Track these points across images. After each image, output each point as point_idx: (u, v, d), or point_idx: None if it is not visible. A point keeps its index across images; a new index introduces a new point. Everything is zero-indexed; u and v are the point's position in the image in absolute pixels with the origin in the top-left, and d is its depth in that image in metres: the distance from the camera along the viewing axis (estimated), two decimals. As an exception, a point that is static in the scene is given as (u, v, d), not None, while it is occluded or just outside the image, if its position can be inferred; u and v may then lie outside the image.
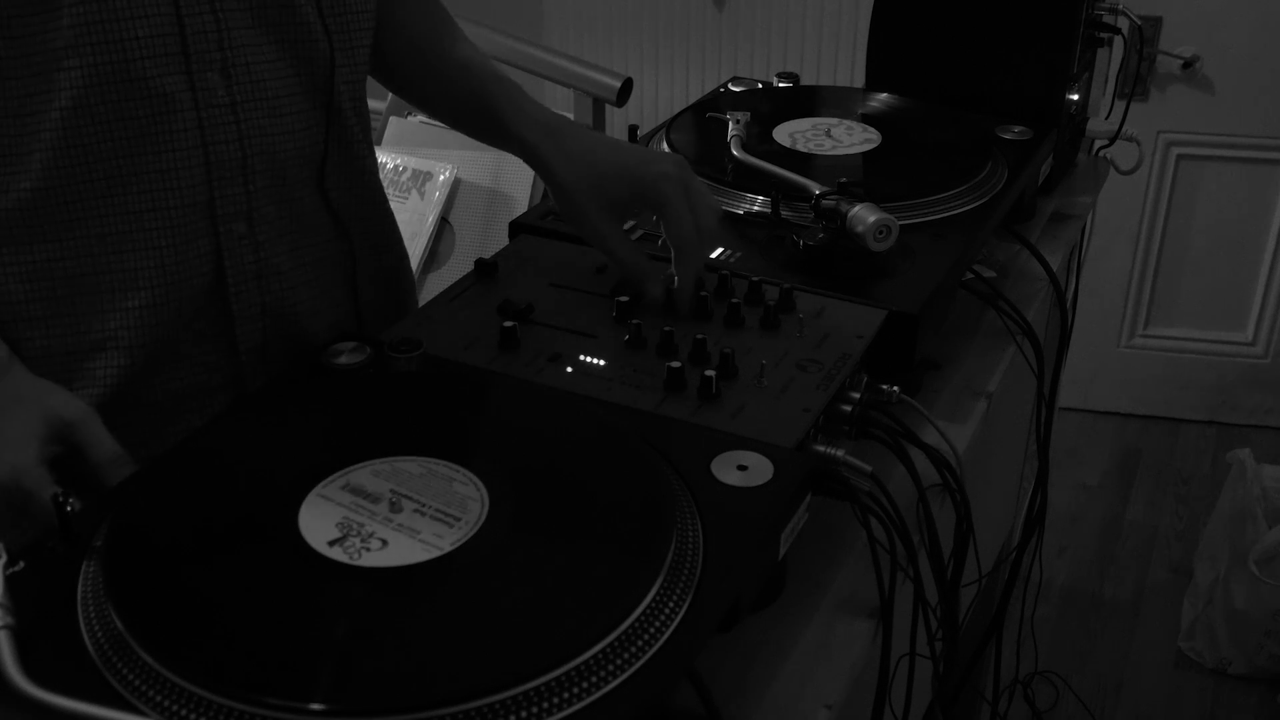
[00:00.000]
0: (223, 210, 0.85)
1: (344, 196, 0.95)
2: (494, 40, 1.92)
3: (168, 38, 0.80)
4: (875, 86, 1.37)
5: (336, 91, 0.90)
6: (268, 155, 0.86)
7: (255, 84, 0.85)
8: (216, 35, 0.82)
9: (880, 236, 0.95)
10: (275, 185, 0.88)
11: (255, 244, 0.87)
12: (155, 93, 0.80)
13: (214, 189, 0.84)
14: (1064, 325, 1.37)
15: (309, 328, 0.93)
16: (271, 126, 0.86)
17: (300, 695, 0.54)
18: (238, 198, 0.86)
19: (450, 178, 1.76)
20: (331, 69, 0.89)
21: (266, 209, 0.88)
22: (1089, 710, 2.10)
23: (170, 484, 0.70)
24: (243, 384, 0.90)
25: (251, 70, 0.84)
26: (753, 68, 2.83)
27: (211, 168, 0.84)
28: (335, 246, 0.95)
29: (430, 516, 0.65)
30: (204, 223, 0.85)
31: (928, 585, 0.84)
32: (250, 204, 0.86)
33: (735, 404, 0.80)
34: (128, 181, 0.81)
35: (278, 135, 0.87)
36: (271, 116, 0.86)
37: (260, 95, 0.85)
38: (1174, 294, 2.89)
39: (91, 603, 0.60)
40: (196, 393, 0.89)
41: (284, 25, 0.86)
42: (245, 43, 0.84)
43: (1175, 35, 2.61)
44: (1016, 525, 1.62)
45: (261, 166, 0.86)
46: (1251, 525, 2.14)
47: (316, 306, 0.94)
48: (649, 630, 0.59)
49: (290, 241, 0.90)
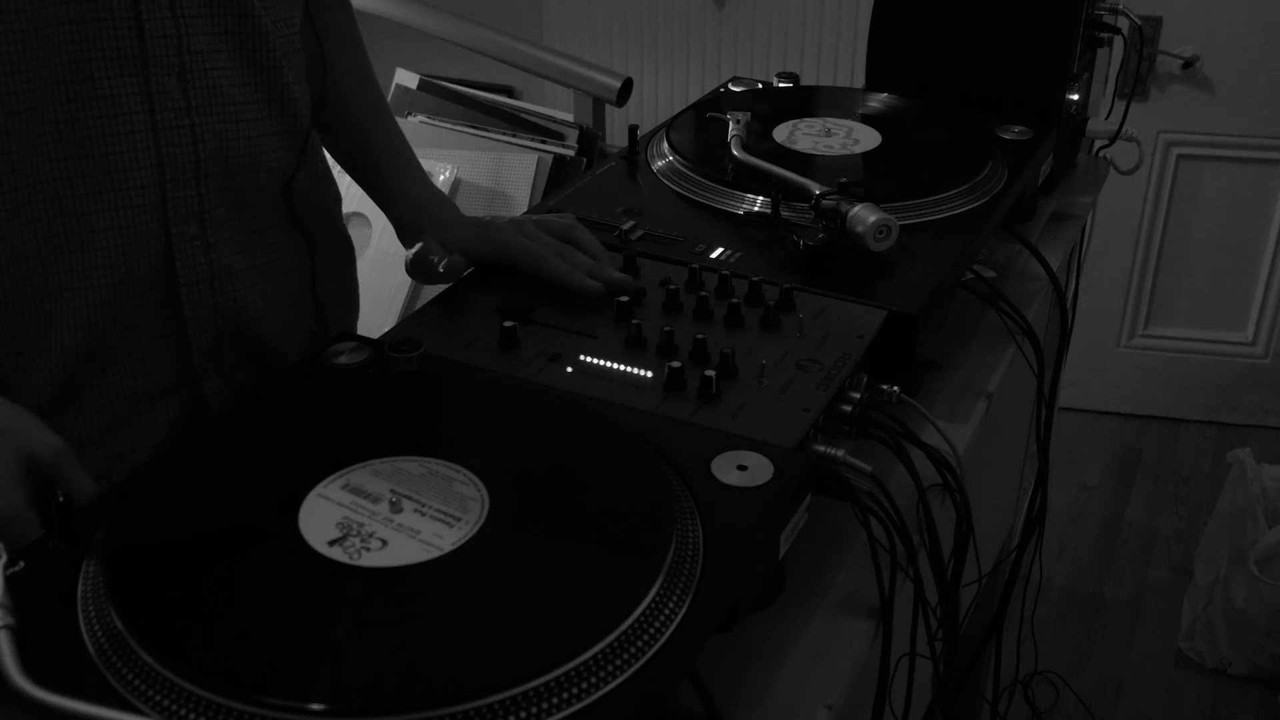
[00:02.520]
0: (174, 212, 0.85)
1: (306, 201, 0.96)
2: (494, 40, 1.92)
3: (126, 42, 0.80)
4: (875, 86, 1.37)
5: (291, 98, 0.91)
6: (222, 159, 0.87)
7: (212, 90, 0.85)
8: (176, 41, 0.82)
9: (880, 236, 0.95)
10: (229, 188, 0.88)
11: (207, 245, 0.87)
12: (105, 94, 0.80)
13: (166, 191, 0.84)
14: (1064, 325, 1.37)
15: (266, 329, 0.94)
16: (228, 131, 0.87)
17: (300, 695, 0.54)
18: (190, 200, 0.86)
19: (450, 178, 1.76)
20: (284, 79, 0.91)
21: (219, 211, 0.88)
22: (1089, 710, 2.10)
23: (170, 484, 0.70)
24: (195, 384, 0.90)
25: (209, 76, 0.85)
26: (753, 68, 2.83)
27: (164, 170, 0.84)
28: (292, 248, 0.96)
29: (430, 516, 0.65)
30: (155, 224, 0.85)
31: (928, 585, 0.84)
32: (203, 206, 0.86)
33: (735, 404, 0.80)
34: (75, 182, 0.81)
35: (234, 140, 0.87)
36: (228, 122, 0.87)
37: (217, 101, 0.85)
38: (1174, 294, 2.89)
39: (91, 603, 0.60)
40: (149, 393, 0.89)
41: (242, 34, 0.86)
42: (204, 49, 0.84)
43: (1175, 35, 2.61)
44: (1016, 525, 1.62)
45: (215, 170, 0.87)
46: (1251, 525, 2.14)
47: (272, 307, 0.94)
48: (649, 630, 0.59)
49: (245, 243, 0.91)
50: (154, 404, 0.89)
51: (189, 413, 0.91)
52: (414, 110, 1.87)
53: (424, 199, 1.04)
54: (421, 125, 1.84)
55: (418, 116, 1.86)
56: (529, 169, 1.75)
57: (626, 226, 1.04)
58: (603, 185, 1.13)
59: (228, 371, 0.92)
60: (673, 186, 1.12)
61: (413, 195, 1.04)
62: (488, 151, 1.78)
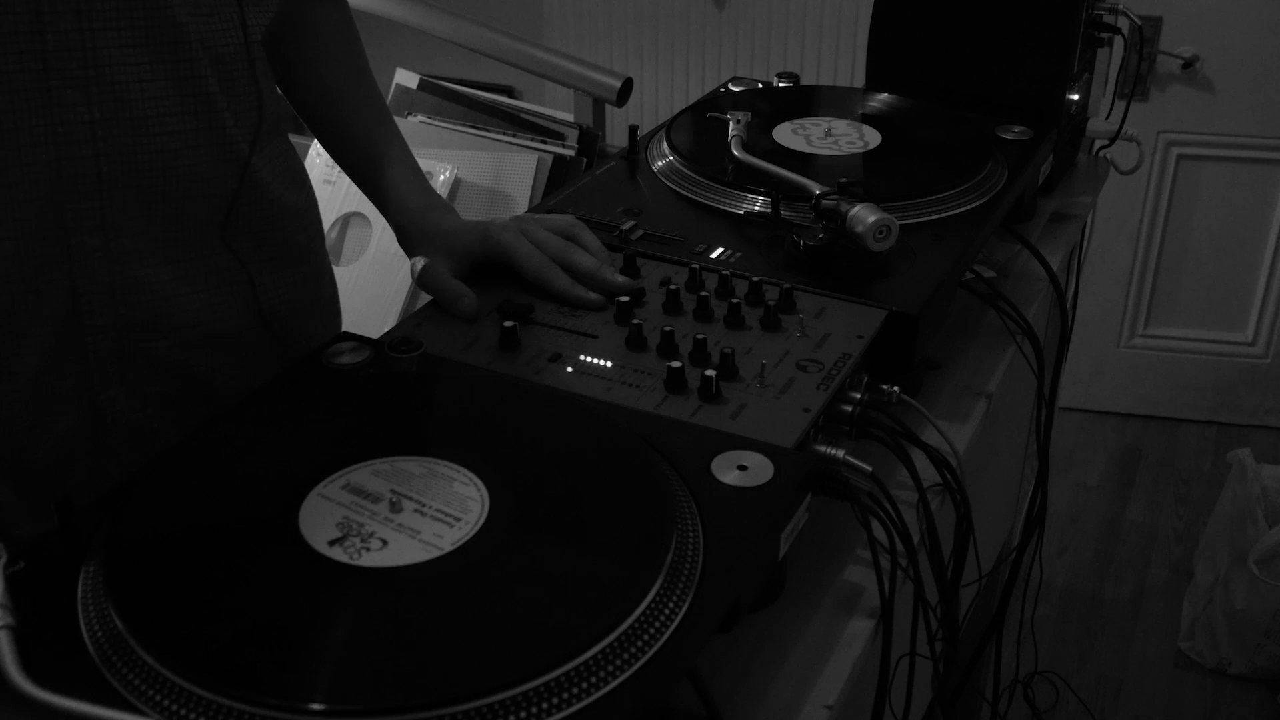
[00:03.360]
0: (74, 223, 0.83)
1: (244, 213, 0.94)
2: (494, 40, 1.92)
3: (26, 54, 0.78)
4: (875, 86, 1.37)
5: (217, 109, 0.88)
6: (130, 172, 0.84)
7: (121, 103, 0.83)
8: (80, 53, 0.80)
9: (880, 236, 0.95)
10: (143, 202, 0.86)
11: (110, 257, 0.86)
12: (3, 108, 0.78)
13: (64, 201, 0.82)
14: (1064, 325, 1.37)
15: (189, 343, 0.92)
16: (138, 145, 0.84)
17: (300, 695, 0.54)
18: (91, 212, 0.84)
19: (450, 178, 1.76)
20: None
21: (129, 224, 0.86)
22: (1089, 710, 2.10)
23: (170, 484, 0.70)
24: (93, 395, 0.88)
25: (118, 89, 0.82)
26: (753, 68, 2.83)
27: (63, 181, 0.82)
28: (225, 261, 0.94)
29: (430, 516, 0.65)
30: (53, 233, 0.83)
31: (928, 585, 0.84)
32: (105, 219, 0.84)
33: (735, 404, 0.80)
34: None
35: (145, 154, 0.85)
36: (138, 135, 0.84)
37: (126, 115, 0.83)
38: (1174, 294, 2.89)
39: (91, 603, 0.60)
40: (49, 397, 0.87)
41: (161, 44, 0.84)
42: (115, 61, 0.82)
43: (1175, 35, 2.61)
44: (1016, 525, 1.62)
45: (121, 183, 0.84)
46: (1251, 525, 2.14)
47: (202, 320, 0.92)
48: (649, 630, 0.59)
49: (169, 256, 0.89)
50: (50, 410, 0.87)
51: (85, 425, 0.89)
52: (414, 110, 1.87)
53: (424, 206, 1.03)
54: (421, 125, 1.84)
55: (418, 116, 1.86)
56: (529, 169, 1.75)
57: (626, 226, 1.04)
58: (603, 185, 1.13)
59: (134, 384, 0.90)
60: (673, 186, 1.12)
61: (413, 201, 1.03)
62: (488, 151, 1.78)
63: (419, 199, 1.04)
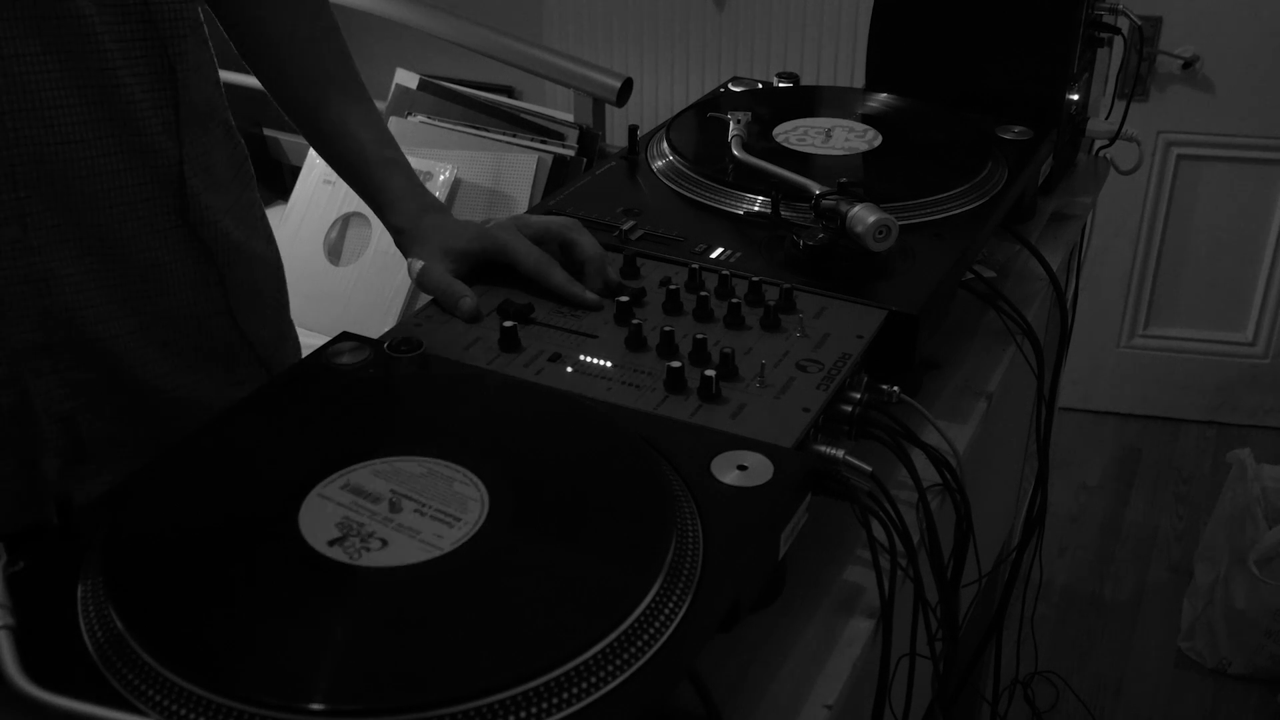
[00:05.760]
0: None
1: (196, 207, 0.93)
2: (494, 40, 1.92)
3: None
4: (875, 86, 1.37)
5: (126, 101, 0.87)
6: (40, 164, 0.84)
7: (25, 93, 0.82)
8: None
9: (880, 236, 0.95)
10: (58, 194, 0.86)
11: (29, 248, 0.85)
12: None
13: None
14: (1064, 325, 1.37)
15: (119, 335, 0.91)
16: (44, 136, 0.84)
17: (300, 695, 0.54)
18: (7, 202, 0.84)
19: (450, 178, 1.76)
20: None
21: (45, 215, 0.85)
22: (1089, 710, 2.10)
23: (170, 484, 0.70)
24: (21, 383, 0.88)
25: (20, 79, 0.82)
26: (753, 68, 2.83)
27: None
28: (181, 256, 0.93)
29: (430, 516, 0.65)
30: None
31: (928, 585, 0.84)
32: (23, 209, 0.84)
33: (735, 404, 0.80)
34: None
35: (52, 145, 0.84)
36: (43, 126, 0.84)
37: (30, 105, 0.83)
38: (1174, 294, 2.89)
39: (91, 603, 0.60)
40: None
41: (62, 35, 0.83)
42: (16, 51, 0.81)
43: (1175, 35, 2.61)
44: (1016, 525, 1.62)
45: (34, 175, 0.84)
46: (1251, 525, 2.14)
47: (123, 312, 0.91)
48: (649, 630, 0.59)
49: (82, 248, 0.88)
50: None
51: (14, 414, 0.89)
52: (414, 110, 1.87)
53: (418, 206, 1.03)
54: (421, 125, 1.84)
55: (418, 116, 1.86)
56: (529, 169, 1.75)
57: (626, 226, 1.04)
58: (603, 185, 1.13)
59: (63, 373, 0.90)
60: (673, 186, 1.12)
61: (407, 202, 1.03)
62: (488, 151, 1.78)
63: (415, 200, 1.04)
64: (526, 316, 0.90)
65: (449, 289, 0.92)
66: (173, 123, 0.92)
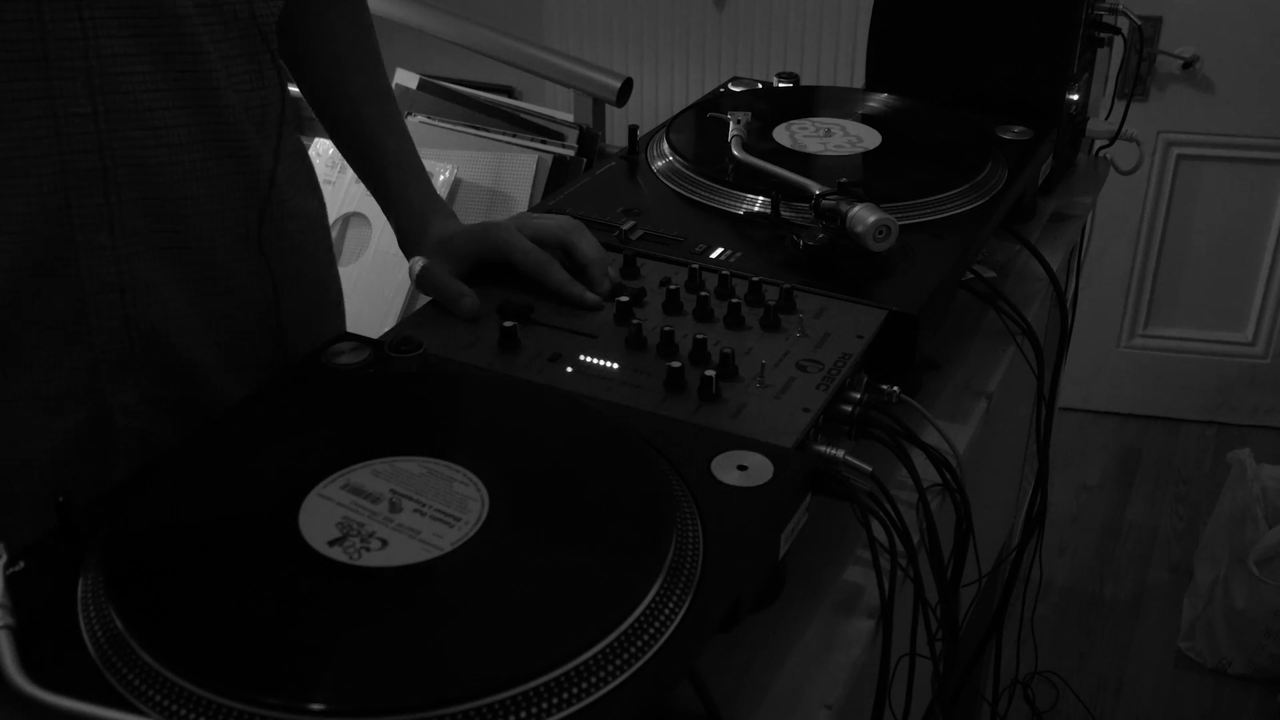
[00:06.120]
0: (80, 220, 0.82)
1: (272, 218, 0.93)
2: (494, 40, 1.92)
3: (25, 44, 0.78)
4: (875, 86, 1.37)
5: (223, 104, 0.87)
6: (135, 167, 0.83)
7: (124, 95, 0.82)
8: (81, 44, 0.79)
9: (880, 236, 0.95)
10: (148, 198, 0.85)
11: (117, 255, 0.84)
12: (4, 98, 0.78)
13: (70, 196, 0.81)
14: (1064, 325, 1.37)
15: (194, 346, 0.90)
16: (141, 139, 0.83)
17: (300, 695, 0.54)
18: (98, 207, 0.83)
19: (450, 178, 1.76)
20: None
21: (135, 221, 0.85)
22: (1089, 710, 2.10)
23: (170, 484, 0.70)
24: (103, 397, 0.87)
25: (120, 81, 0.81)
26: (753, 68, 2.83)
27: (67, 175, 0.81)
28: (250, 268, 0.93)
29: (430, 516, 0.65)
30: (58, 230, 0.82)
31: (928, 585, 0.84)
32: (113, 215, 0.84)
33: (735, 404, 0.80)
34: None
35: (151, 148, 0.84)
36: (143, 129, 0.83)
37: (130, 107, 0.82)
38: (1174, 294, 2.89)
39: (91, 603, 0.60)
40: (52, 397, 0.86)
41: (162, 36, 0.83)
42: (117, 52, 0.81)
43: (1175, 35, 2.61)
44: (1016, 525, 1.62)
45: (127, 179, 0.83)
46: (1251, 525, 2.14)
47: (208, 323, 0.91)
48: (649, 630, 0.59)
49: (168, 256, 0.87)
50: (56, 410, 0.86)
51: (92, 426, 0.87)
52: (414, 110, 1.87)
53: (426, 208, 1.03)
54: (421, 125, 1.84)
55: (418, 116, 1.86)
56: (529, 169, 1.75)
57: (626, 226, 1.04)
58: (603, 185, 1.13)
59: (143, 387, 0.89)
60: (673, 186, 1.12)
61: (416, 204, 1.03)
62: (488, 151, 1.78)
63: (421, 202, 1.04)
64: (526, 316, 0.90)
65: (449, 289, 0.92)
66: (272, 131, 0.92)
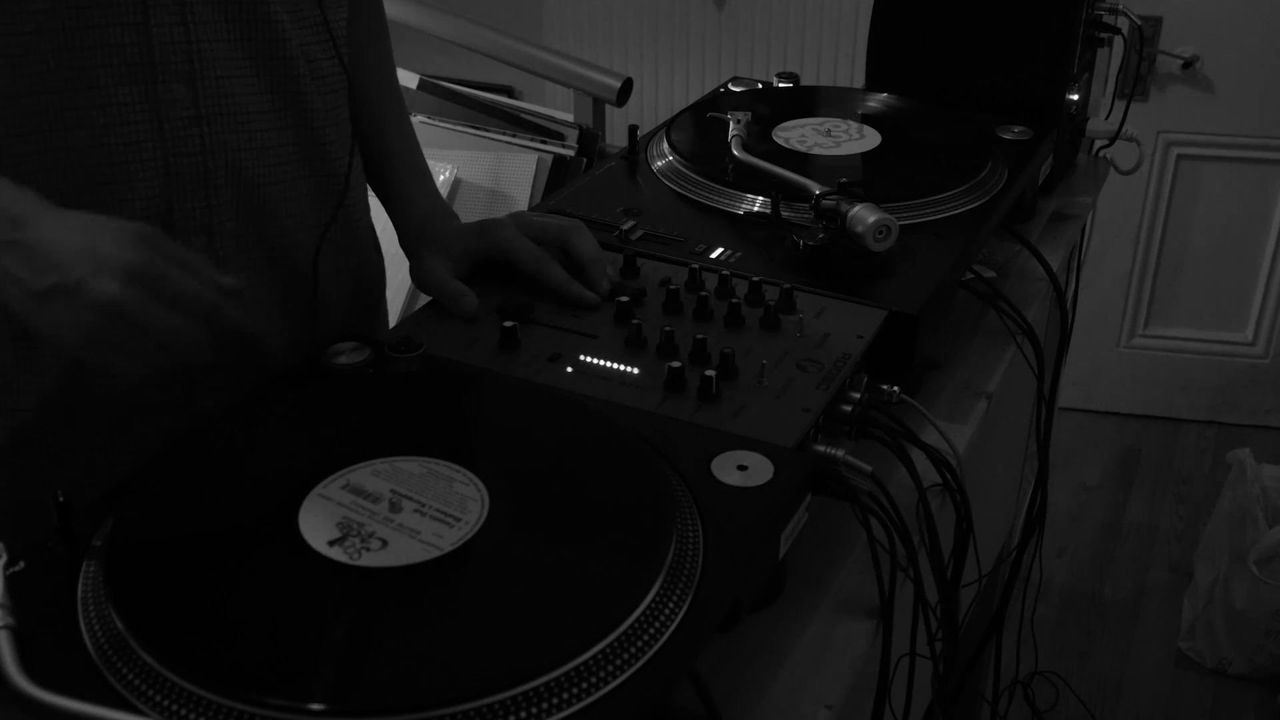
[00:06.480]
0: (181, 223, 0.84)
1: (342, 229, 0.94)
2: (494, 40, 1.92)
3: (131, 47, 0.79)
4: (875, 86, 1.37)
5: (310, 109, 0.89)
6: (233, 171, 0.85)
7: (224, 98, 0.83)
8: (185, 47, 0.81)
9: (880, 236, 0.95)
10: (244, 200, 0.86)
11: (216, 259, 0.86)
12: (111, 102, 0.79)
13: (173, 200, 0.83)
14: (1064, 325, 1.37)
15: (263, 350, 0.91)
16: (240, 142, 0.85)
17: (300, 695, 0.54)
18: (198, 211, 0.84)
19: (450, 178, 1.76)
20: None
21: (231, 224, 0.86)
22: (1089, 710, 2.10)
23: (170, 484, 0.70)
24: (193, 401, 0.88)
25: (221, 84, 0.83)
26: (753, 68, 2.83)
27: (171, 179, 0.82)
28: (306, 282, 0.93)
29: (430, 516, 0.65)
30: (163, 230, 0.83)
31: (928, 585, 0.84)
32: (212, 218, 0.85)
33: (735, 404, 0.80)
34: (80, 190, 0.80)
35: (246, 151, 0.85)
36: (239, 132, 0.85)
37: (229, 109, 0.84)
38: (1174, 294, 2.89)
39: (91, 603, 0.60)
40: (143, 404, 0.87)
41: (258, 40, 0.84)
42: (217, 55, 0.82)
43: (1175, 35, 2.61)
44: (1016, 525, 1.62)
45: (224, 181, 0.85)
46: (1251, 525, 2.14)
47: (279, 326, 0.92)
48: (649, 630, 0.59)
49: (253, 261, 0.89)
50: (148, 415, 0.88)
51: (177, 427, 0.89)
52: (414, 110, 1.86)
53: (429, 210, 1.03)
54: (421, 125, 1.85)
55: (418, 116, 1.86)
56: (529, 169, 1.75)
57: (626, 226, 1.04)
58: (603, 185, 1.13)
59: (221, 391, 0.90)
60: (673, 186, 1.12)
61: (419, 203, 1.04)
62: (488, 151, 1.78)
63: (424, 201, 1.04)
64: (526, 316, 0.90)
65: (449, 289, 0.92)
66: (346, 132, 0.93)
